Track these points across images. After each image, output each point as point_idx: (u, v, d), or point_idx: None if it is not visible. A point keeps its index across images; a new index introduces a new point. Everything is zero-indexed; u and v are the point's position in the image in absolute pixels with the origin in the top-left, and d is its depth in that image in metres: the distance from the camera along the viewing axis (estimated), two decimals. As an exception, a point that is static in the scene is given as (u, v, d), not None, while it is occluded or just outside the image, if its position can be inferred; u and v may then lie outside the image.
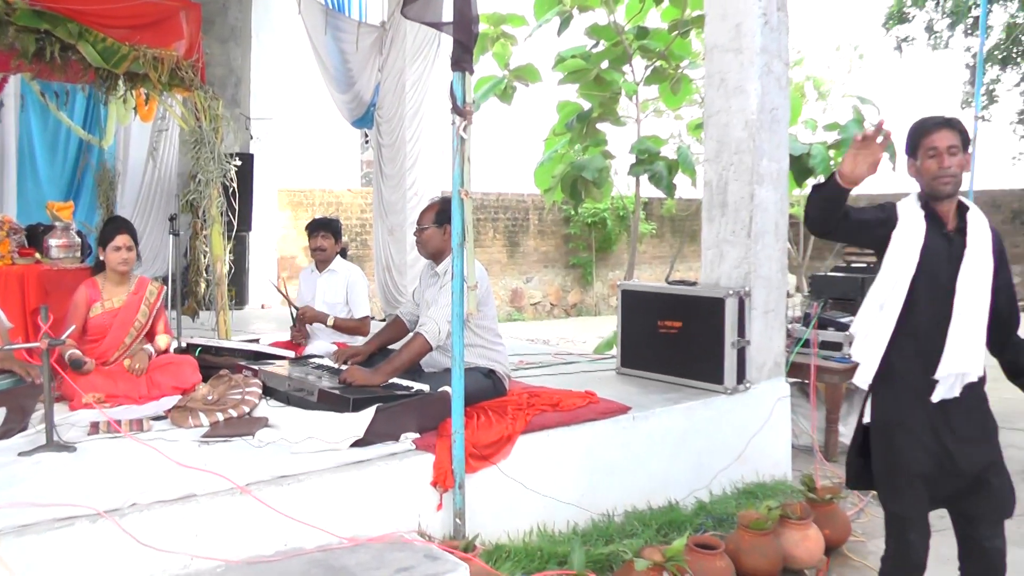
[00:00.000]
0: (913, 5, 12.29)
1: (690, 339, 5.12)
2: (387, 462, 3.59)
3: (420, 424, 3.87)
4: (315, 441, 3.64)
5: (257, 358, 5.16)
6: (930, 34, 12.45)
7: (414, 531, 3.54)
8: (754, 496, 4.74)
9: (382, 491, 3.52)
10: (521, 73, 8.71)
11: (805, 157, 7.11)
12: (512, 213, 15.85)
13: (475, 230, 14.89)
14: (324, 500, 3.35)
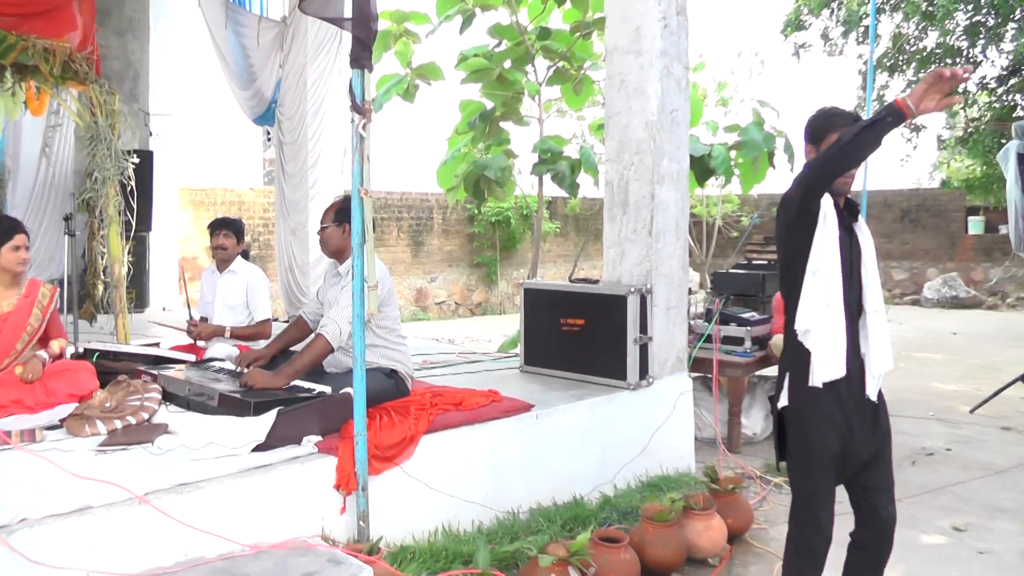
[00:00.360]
0: (809, 13, 12.67)
1: (593, 336, 5.18)
2: (289, 466, 3.54)
3: (322, 426, 3.83)
4: (216, 447, 3.56)
5: (157, 363, 5.01)
6: (825, 41, 12.87)
7: (318, 535, 3.50)
8: (658, 489, 4.82)
9: (285, 496, 3.46)
10: (423, 71, 8.68)
11: (706, 158, 7.25)
12: (416, 212, 15.80)
13: (379, 229, 14.82)
14: (226, 507, 3.28)
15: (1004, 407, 7.67)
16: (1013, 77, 12.67)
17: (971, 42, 12.34)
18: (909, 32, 12.60)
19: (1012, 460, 6.21)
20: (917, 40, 12.68)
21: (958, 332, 13.37)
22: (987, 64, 12.82)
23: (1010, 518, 5.04)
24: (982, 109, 13.32)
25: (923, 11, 11.40)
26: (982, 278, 17.85)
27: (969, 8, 11.59)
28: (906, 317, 15.47)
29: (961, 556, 4.48)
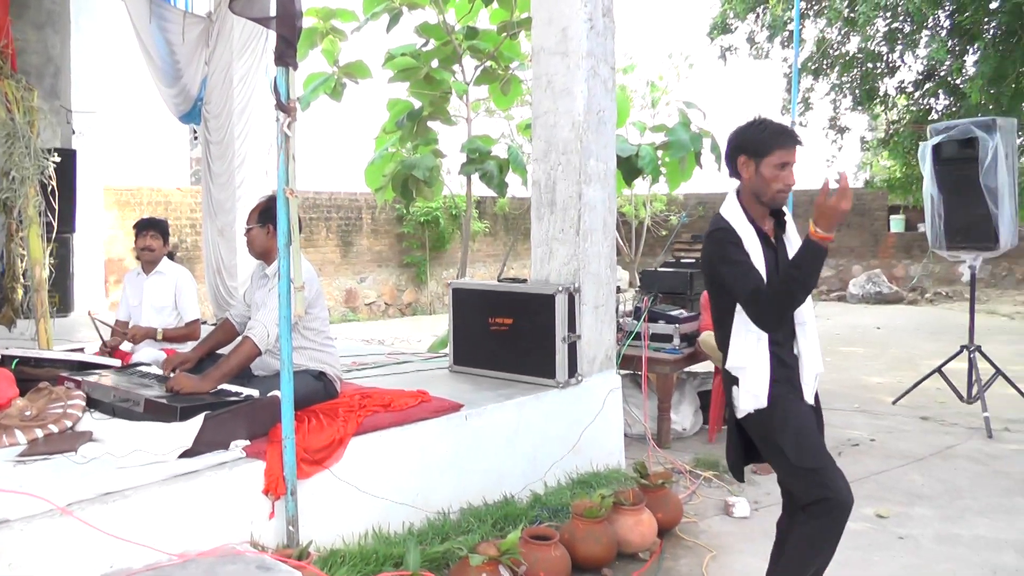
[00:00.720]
0: (735, 17, 12.83)
1: (522, 335, 5.20)
2: (217, 472, 3.48)
3: (250, 431, 3.77)
4: (141, 454, 3.47)
5: (81, 368, 4.87)
6: (751, 45, 13.05)
7: (246, 542, 3.45)
8: (588, 485, 4.85)
9: (212, 502, 3.41)
10: (351, 70, 8.61)
11: (634, 158, 7.31)
12: (345, 212, 15.66)
13: (307, 229, 14.66)
14: (152, 516, 3.21)
15: (923, 398, 7.90)
16: (928, 81, 13.05)
17: (890, 47, 12.65)
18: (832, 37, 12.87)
19: (930, 449, 6.41)
20: (840, 45, 12.96)
21: (881, 326, 13.71)
22: (905, 69, 13.21)
23: (928, 504, 5.22)
24: (901, 112, 13.67)
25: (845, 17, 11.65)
26: (903, 274, 18.37)
27: (888, 15, 11.88)
28: (832, 313, 15.82)
29: (883, 542, 4.62)
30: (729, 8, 12.78)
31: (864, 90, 12.82)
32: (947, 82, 12.69)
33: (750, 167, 3.06)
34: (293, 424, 3.59)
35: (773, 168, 3.04)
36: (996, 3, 11.46)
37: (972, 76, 11.48)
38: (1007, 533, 4.75)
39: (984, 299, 16.59)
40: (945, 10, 12.29)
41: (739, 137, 3.11)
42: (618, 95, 5.95)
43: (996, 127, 7.01)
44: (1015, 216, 7.27)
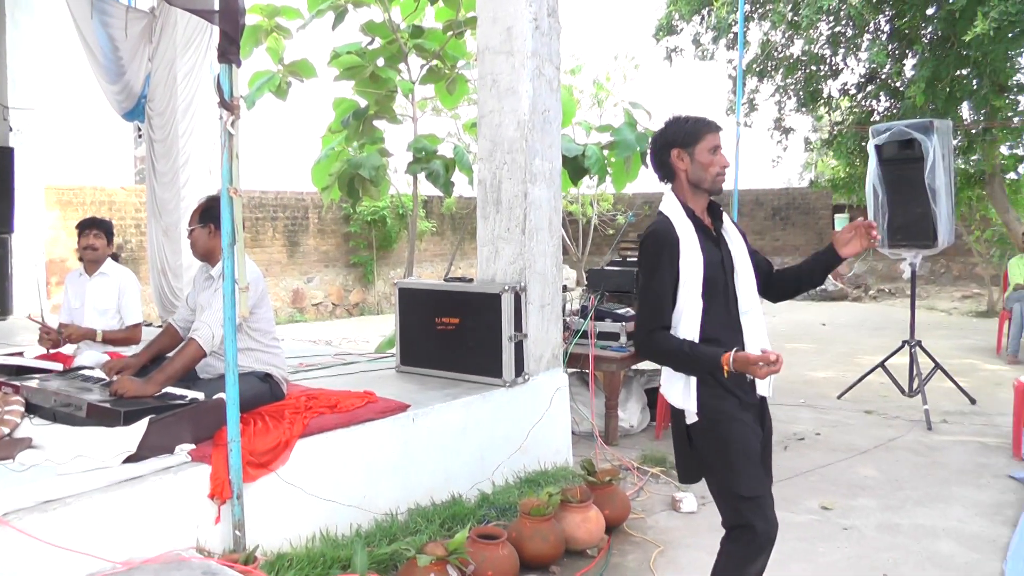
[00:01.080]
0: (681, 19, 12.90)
1: (468, 335, 5.20)
2: (162, 477, 3.43)
3: (195, 434, 3.71)
4: (84, 460, 3.39)
5: (20, 373, 4.76)
6: (697, 46, 13.11)
7: (192, 548, 3.41)
8: (536, 484, 4.87)
9: (157, 508, 3.36)
10: (295, 68, 8.53)
11: (580, 157, 7.35)
12: (291, 212, 15.51)
13: (253, 229, 14.51)
14: (95, 523, 3.15)
15: (867, 392, 8.06)
16: (870, 84, 13.28)
17: (833, 51, 12.84)
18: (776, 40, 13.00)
19: (873, 441, 6.55)
20: (784, 47, 13.09)
21: (826, 323, 13.95)
22: (847, 72, 13.41)
23: (870, 495, 5.34)
24: (844, 114, 13.87)
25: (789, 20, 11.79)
26: (847, 272, 18.69)
27: (830, 20, 12.05)
28: (778, 310, 15.97)
29: (827, 533, 4.72)
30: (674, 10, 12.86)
31: (808, 92, 13.00)
32: (888, 85, 12.94)
33: (685, 158, 3.10)
34: (239, 427, 3.55)
35: (707, 153, 3.08)
36: (932, 9, 11.72)
37: (911, 79, 11.71)
38: (944, 521, 4.90)
39: (924, 295, 16.95)
40: (885, 15, 12.53)
41: (665, 136, 3.15)
42: (564, 95, 5.97)
43: (933, 129, 7.18)
44: (952, 215, 7.45)
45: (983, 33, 9.54)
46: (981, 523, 4.89)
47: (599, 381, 6.45)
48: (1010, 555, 4.38)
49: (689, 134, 3.10)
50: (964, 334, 12.42)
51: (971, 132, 12.43)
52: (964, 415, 7.42)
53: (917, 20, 11.78)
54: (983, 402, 7.81)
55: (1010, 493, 5.41)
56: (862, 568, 4.27)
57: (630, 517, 4.75)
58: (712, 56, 12.81)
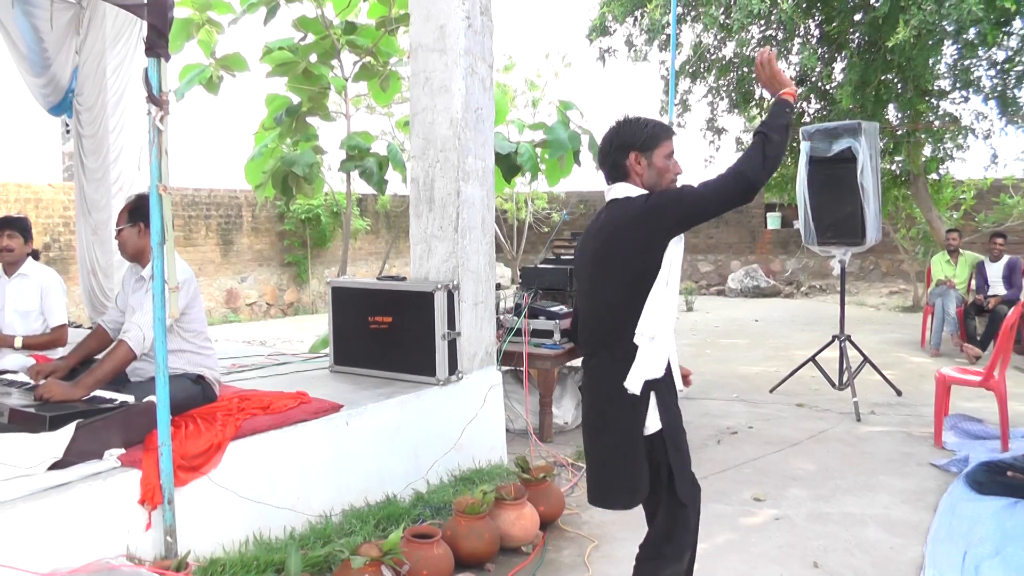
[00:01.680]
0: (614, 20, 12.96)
1: (401, 333, 5.18)
2: (90, 483, 3.34)
3: (125, 438, 3.63)
4: (6, 467, 3.29)
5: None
6: (630, 47, 13.18)
7: (122, 555, 3.33)
8: (471, 482, 4.88)
9: (85, 516, 3.27)
10: (227, 62, 8.39)
11: (513, 155, 7.35)
12: (225, 210, 15.27)
13: (186, 228, 14.28)
14: (19, 533, 3.06)
15: (798, 386, 8.22)
16: (800, 86, 13.51)
17: (765, 54, 13.03)
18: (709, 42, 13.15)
19: (804, 434, 6.69)
20: (717, 49, 13.25)
21: (759, 319, 14.16)
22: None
23: (801, 485, 5.47)
24: (775, 115, 14.08)
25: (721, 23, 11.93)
26: (780, 269, 19.03)
27: (761, 23, 12.23)
28: (712, 307, 16.26)
29: (760, 523, 4.82)
30: (607, 11, 12.93)
31: (740, 93, 13.18)
32: (818, 87, 13.19)
33: (643, 162, 3.07)
34: (169, 430, 3.48)
35: (664, 159, 3.08)
36: (859, 16, 11.99)
37: (840, 83, 11.96)
38: (872, 509, 5.05)
39: (854, 291, 17.32)
40: (815, 20, 12.78)
41: (622, 137, 3.10)
42: (497, 94, 5.97)
43: (861, 131, 7.34)
44: (879, 213, 7.63)
45: (905, 40, 9.82)
46: (905, 509, 5.05)
47: (533, 379, 6.47)
48: (930, 538, 4.57)
49: (649, 138, 3.07)
50: (891, 328, 12.73)
51: (897, 134, 12.75)
52: (891, 406, 7.61)
53: (845, 25, 12.06)
54: (908, 394, 8.02)
55: (932, 480, 5.60)
56: (793, 556, 4.36)
57: (565, 513, 4.78)
58: (645, 57, 12.91)
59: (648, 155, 3.06)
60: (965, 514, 4.86)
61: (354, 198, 14.59)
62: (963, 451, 6.06)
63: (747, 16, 10.65)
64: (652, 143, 3.06)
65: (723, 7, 11.62)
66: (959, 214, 14.89)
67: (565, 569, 4.21)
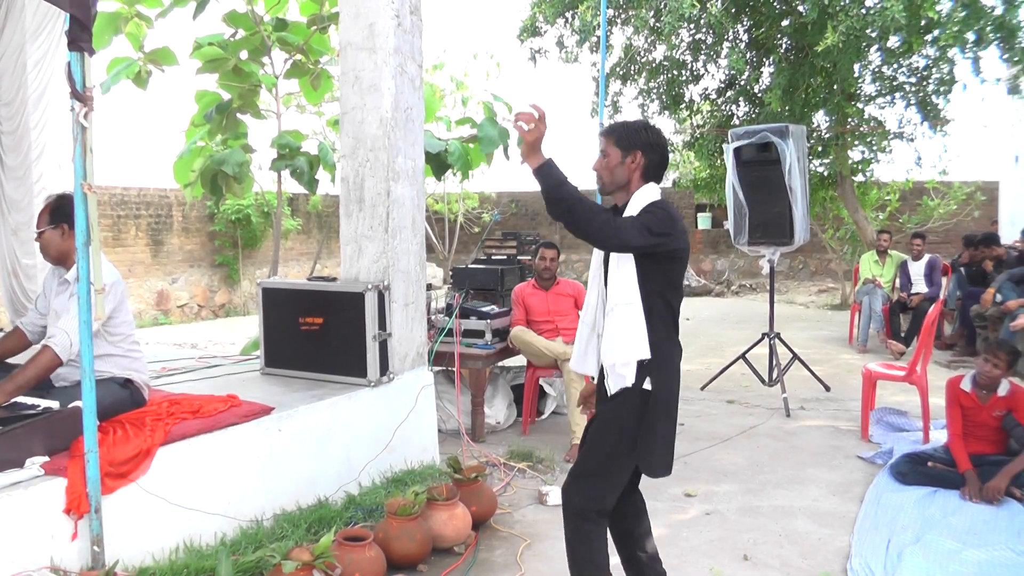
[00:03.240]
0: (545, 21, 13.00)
1: (332, 334, 5.13)
2: (10, 493, 3.23)
3: (49, 446, 3.51)
4: (-79, 477, 3.20)
5: None
6: (561, 48, 13.24)
7: (46, 567, 3.22)
8: (403, 483, 4.85)
9: (6, 527, 3.16)
10: (156, 57, 8.18)
11: (443, 154, 7.33)
12: (155, 210, 14.94)
13: (115, 228, 13.98)
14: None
15: (729, 383, 8.34)
16: (730, 89, 13.74)
17: (694, 57, 13.22)
18: (639, 44, 13.29)
19: (735, 429, 6.80)
20: (647, 52, 13.40)
21: (691, 317, 14.29)
22: (708, 77, 13.84)
23: (731, 480, 5.57)
24: (705, 117, 14.29)
25: (651, 27, 12.07)
26: (711, 268, 19.29)
27: (691, 27, 12.40)
28: (644, 305, 16.36)
29: (691, 518, 4.90)
30: (538, 12, 12.98)
31: (670, 96, 13.35)
32: (747, 91, 13.43)
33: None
34: (96, 436, 3.39)
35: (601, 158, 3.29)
36: (787, 21, 12.23)
37: (769, 86, 12.19)
38: (800, 501, 5.16)
39: (784, 290, 17.62)
40: (743, 25, 13.00)
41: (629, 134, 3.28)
42: (427, 93, 5.94)
43: (789, 133, 7.48)
44: (807, 214, 7.79)
45: (833, 45, 10.07)
46: (833, 501, 5.18)
47: (465, 379, 6.47)
48: (856, 528, 4.71)
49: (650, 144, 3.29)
50: (820, 326, 12.99)
51: (824, 137, 13.03)
52: (820, 401, 7.77)
53: (773, 31, 12.31)
54: (837, 389, 8.20)
55: (858, 472, 5.75)
56: (724, 550, 4.44)
57: (497, 512, 4.79)
58: (576, 59, 12.99)
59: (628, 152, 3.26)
60: (889, 503, 5.03)
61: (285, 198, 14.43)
62: (888, 443, 6.25)
63: (677, 20, 10.79)
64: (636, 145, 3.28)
65: (653, 10, 11.76)
66: (884, 215, 15.28)
67: (498, 568, 4.22)
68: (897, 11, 9.45)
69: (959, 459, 5.25)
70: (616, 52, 13.56)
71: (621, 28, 13.42)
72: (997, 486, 5.00)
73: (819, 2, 10.19)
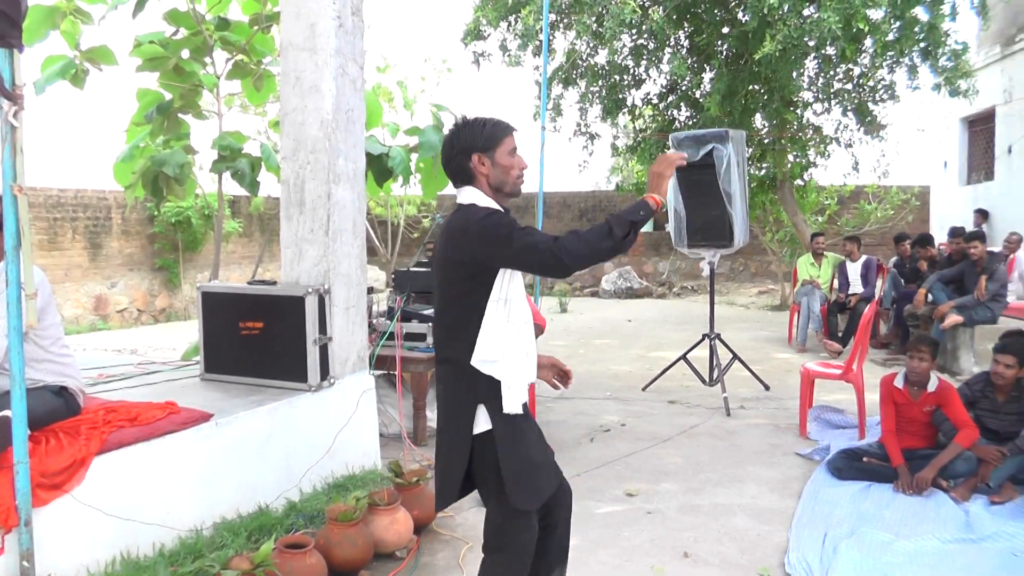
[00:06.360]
0: (488, 25, 13.02)
1: (273, 339, 5.08)
2: (-71, 507, 3.13)
3: (-24, 458, 3.43)
4: None
5: None
6: (504, 52, 13.26)
7: (-31, 586, 3.16)
8: (344, 489, 4.82)
9: (-73, 542, 3.07)
10: (94, 55, 7.97)
11: (384, 158, 7.26)
12: (93, 212, 14.63)
13: (51, 231, 13.69)
14: None
15: (670, 383, 8.43)
16: (671, 94, 13.89)
17: (636, 62, 13.34)
18: (582, 49, 13.36)
19: (676, 429, 6.87)
20: (589, 56, 13.48)
21: (632, 319, 14.44)
22: (650, 82, 13.98)
23: (672, 479, 5.62)
24: (647, 121, 14.43)
25: (593, 31, 12.14)
26: (652, 270, 19.48)
27: (633, 32, 12.50)
28: (586, 308, 16.51)
29: (632, 518, 4.93)
30: (482, 15, 13.00)
31: (612, 100, 13.44)
32: (688, 96, 13.59)
33: (486, 162, 3.05)
34: (27, 446, 3.30)
35: (507, 156, 3.07)
36: (727, 28, 12.40)
37: (709, 91, 12.34)
38: (740, 499, 5.25)
39: (724, 291, 17.86)
40: (685, 31, 13.16)
41: (462, 140, 3.07)
42: (370, 96, 5.90)
43: (729, 138, 7.57)
44: (746, 217, 7.90)
45: (771, 53, 10.26)
46: (772, 498, 5.27)
47: (406, 382, 6.45)
48: (794, 523, 4.81)
49: (489, 138, 3.05)
50: (760, 326, 13.19)
51: (763, 142, 13.23)
52: (759, 400, 7.89)
53: (714, 37, 12.49)
54: (776, 388, 8.33)
55: (797, 469, 5.86)
56: (664, 548, 4.48)
57: (439, 516, 4.78)
58: (519, 62, 13.04)
59: (490, 155, 3.05)
60: (826, 499, 5.15)
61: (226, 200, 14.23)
62: (825, 440, 6.40)
63: (619, 25, 10.89)
64: (492, 143, 3.05)
65: (596, 15, 11.84)
66: (823, 218, 15.58)
67: (440, 572, 4.22)
68: (833, 22, 9.67)
69: (892, 454, 5.45)
70: (558, 56, 13.64)
71: (563, 32, 13.51)
72: (925, 477, 5.22)
73: (759, 11, 10.35)
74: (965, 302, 8.86)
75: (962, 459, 5.29)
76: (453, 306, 3.06)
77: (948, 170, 16.26)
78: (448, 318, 3.08)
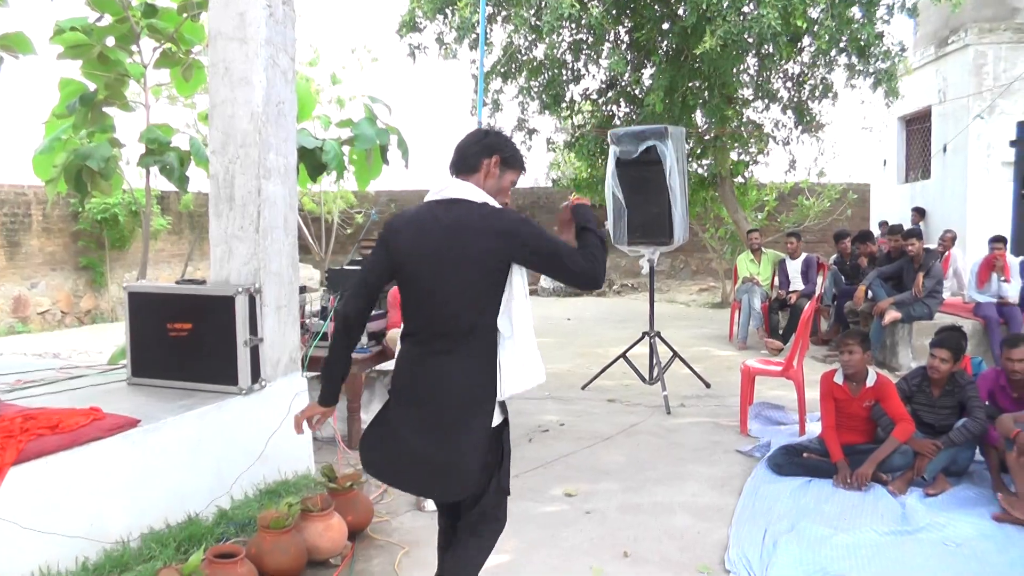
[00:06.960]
0: (424, 17, 12.90)
1: (202, 341, 4.90)
2: None
3: None
4: None
5: None
6: (440, 45, 13.15)
7: None
8: (277, 495, 4.69)
9: None
10: (9, 42, 7.64)
11: (318, 152, 7.10)
12: (11, 208, 14.06)
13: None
14: None
15: (610, 382, 8.39)
16: (610, 90, 13.89)
17: (575, 57, 13.33)
18: (520, 43, 13.28)
19: (616, 428, 6.84)
20: (528, 51, 13.41)
21: (572, 318, 14.41)
22: (589, 77, 13.97)
23: (612, 479, 5.59)
24: (586, 117, 14.42)
25: (531, 25, 12.08)
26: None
27: (572, 27, 12.47)
28: (525, 305, 16.40)
29: (571, 518, 4.89)
30: (417, 7, 12.86)
31: (551, 95, 13.39)
32: (627, 92, 13.59)
33: (495, 172, 3.16)
34: (-67, 457, 3.13)
35: (509, 181, 3.22)
36: (667, 24, 12.42)
37: (650, 88, 12.35)
38: (680, 497, 5.24)
39: (665, 289, 17.95)
40: (624, 26, 13.15)
41: (492, 140, 3.18)
42: (302, 89, 5.74)
43: (668, 134, 7.55)
44: (686, 214, 7.89)
45: (711, 49, 10.29)
46: (712, 495, 5.27)
47: (340, 384, 6.29)
48: (735, 520, 4.82)
49: (511, 157, 3.19)
50: (701, 324, 13.25)
51: (704, 138, 13.29)
52: (700, 398, 7.89)
53: (654, 33, 12.49)
54: (717, 385, 8.34)
55: (737, 466, 5.87)
56: (604, 547, 4.45)
57: (374, 521, 4.69)
58: (456, 55, 12.94)
59: (504, 169, 3.18)
60: (766, 495, 5.19)
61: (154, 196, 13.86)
62: (766, 437, 6.43)
63: (557, 19, 10.83)
64: (511, 162, 3.19)
65: (534, 9, 11.78)
66: (763, 215, 15.72)
67: (376, 578, 4.11)
68: (772, 19, 9.72)
69: (832, 449, 5.52)
70: (496, 50, 13.55)
71: (501, 26, 13.43)
72: (864, 472, 5.31)
73: (698, 7, 10.37)
74: (903, 299, 9.01)
75: (899, 453, 5.38)
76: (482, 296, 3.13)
77: (887, 168, 16.55)
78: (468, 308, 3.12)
